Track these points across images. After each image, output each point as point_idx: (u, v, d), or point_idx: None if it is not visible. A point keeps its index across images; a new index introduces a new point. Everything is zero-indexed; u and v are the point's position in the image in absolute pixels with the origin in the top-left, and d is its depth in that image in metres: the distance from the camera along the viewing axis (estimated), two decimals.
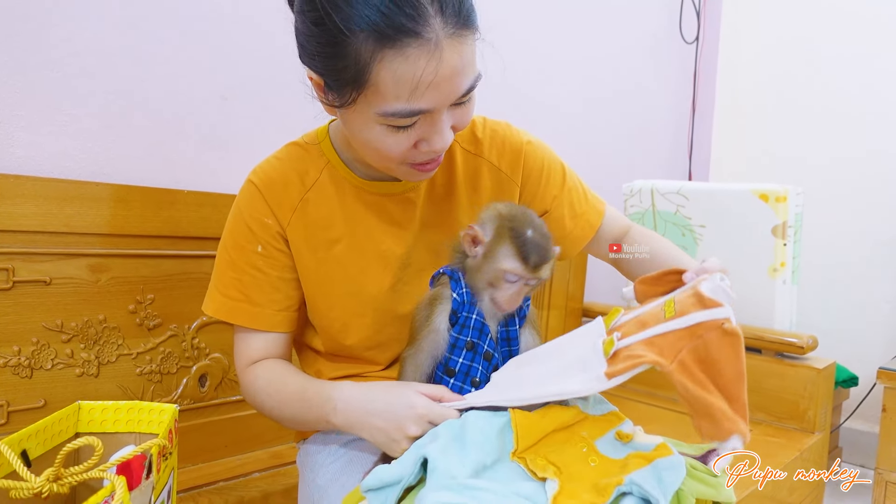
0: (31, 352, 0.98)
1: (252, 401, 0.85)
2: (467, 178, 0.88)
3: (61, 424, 0.71)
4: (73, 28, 1.05)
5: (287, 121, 1.29)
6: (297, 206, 0.82)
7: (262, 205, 0.82)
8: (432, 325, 0.75)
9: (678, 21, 2.45)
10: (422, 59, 0.62)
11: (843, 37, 2.29)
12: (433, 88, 0.64)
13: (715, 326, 0.59)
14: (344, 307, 0.84)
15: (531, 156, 0.90)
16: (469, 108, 0.73)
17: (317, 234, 0.83)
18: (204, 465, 1.17)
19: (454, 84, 0.66)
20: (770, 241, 1.60)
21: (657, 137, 2.46)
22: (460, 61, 0.65)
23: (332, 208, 0.83)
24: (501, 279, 0.72)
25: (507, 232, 0.72)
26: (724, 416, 0.57)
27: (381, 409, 0.71)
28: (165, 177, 1.17)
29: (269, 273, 0.83)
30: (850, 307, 2.23)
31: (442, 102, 0.67)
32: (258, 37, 1.26)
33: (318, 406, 0.76)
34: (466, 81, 0.67)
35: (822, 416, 1.52)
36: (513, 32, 1.84)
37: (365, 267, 0.84)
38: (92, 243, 1.02)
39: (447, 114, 0.69)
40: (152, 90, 1.15)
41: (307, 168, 0.83)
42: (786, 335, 1.56)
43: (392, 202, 0.84)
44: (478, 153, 0.88)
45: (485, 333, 0.75)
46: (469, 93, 0.69)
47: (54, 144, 1.05)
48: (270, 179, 0.82)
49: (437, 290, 0.77)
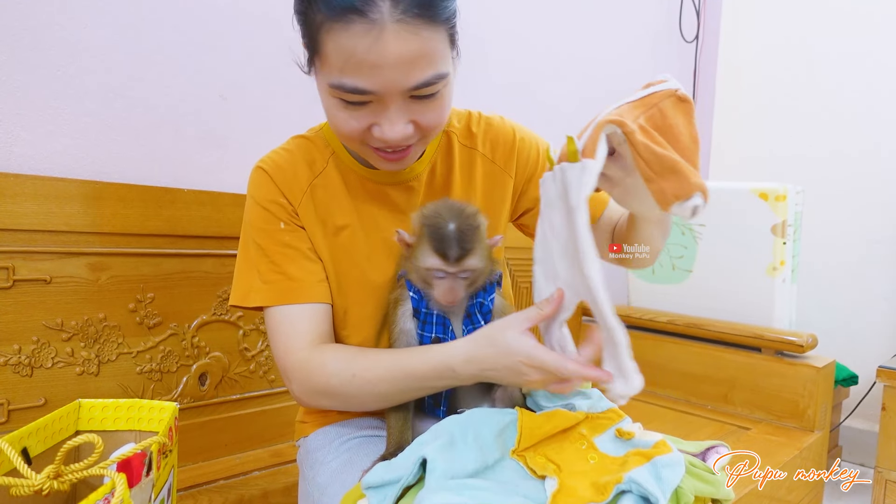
0: (32, 350, 0.98)
1: (321, 390, 0.77)
2: (463, 170, 0.89)
3: (62, 422, 0.71)
4: (74, 27, 1.05)
5: (286, 119, 1.29)
6: (307, 191, 0.83)
7: (273, 188, 0.83)
8: (399, 326, 0.77)
9: (678, 20, 2.45)
10: (363, 37, 0.64)
11: (843, 36, 2.29)
12: (373, 69, 0.66)
13: (668, 94, 0.60)
14: (347, 294, 0.85)
15: (524, 148, 0.92)
16: (434, 107, 0.72)
17: (325, 220, 0.84)
18: (204, 463, 1.17)
19: (399, 71, 0.66)
20: (769, 240, 1.61)
21: None
22: (406, 49, 0.65)
23: (339, 196, 0.85)
24: (431, 276, 0.73)
25: (425, 230, 0.73)
26: (689, 171, 0.57)
27: (497, 366, 0.70)
28: (165, 176, 1.17)
29: (298, 247, 0.82)
30: (850, 305, 2.23)
31: (385, 87, 0.67)
32: (257, 36, 1.26)
33: (436, 377, 0.73)
34: (416, 74, 0.67)
35: (821, 415, 1.52)
36: (510, 29, 1.84)
37: (370, 254, 0.85)
38: (92, 242, 1.03)
39: (402, 105, 0.70)
40: (152, 89, 1.15)
41: (314, 157, 0.85)
42: (785, 334, 1.56)
43: (395, 190, 0.86)
44: (472, 146, 0.90)
45: (447, 327, 0.77)
46: (425, 88, 0.69)
47: (54, 143, 1.05)
48: (279, 166, 0.84)
49: (398, 292, 0.79)
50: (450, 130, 0.90)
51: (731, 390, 1.64)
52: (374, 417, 0.90)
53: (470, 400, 0.81)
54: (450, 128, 0.90)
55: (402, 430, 0.77)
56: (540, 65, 1.95)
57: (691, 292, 1.77)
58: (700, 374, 1.69)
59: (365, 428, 0.88)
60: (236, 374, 1.21)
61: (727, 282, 1.70)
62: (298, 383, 0.79)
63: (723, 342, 1.67)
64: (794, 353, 1.56)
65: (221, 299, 1.18)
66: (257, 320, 1.24)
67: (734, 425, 1.53)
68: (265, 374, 1.26)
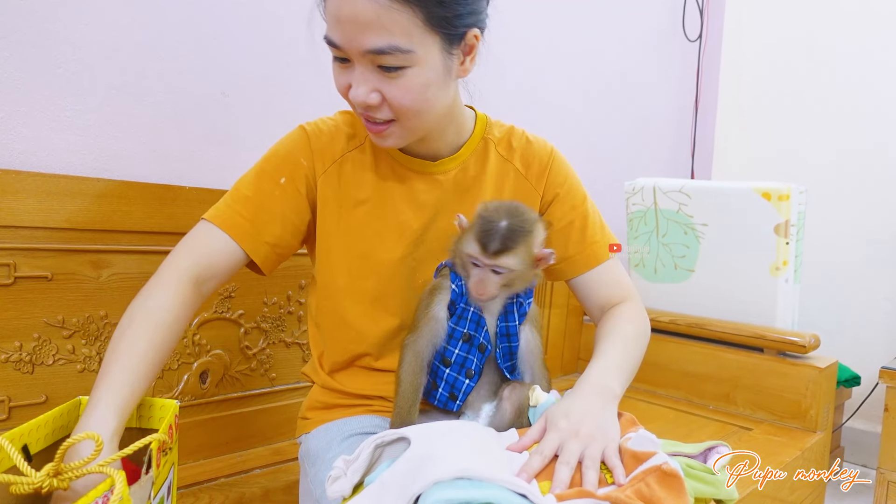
0: (33, 347, 0.98)
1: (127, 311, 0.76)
2: (495, 178, 0.92)
3: (62, 419, 0.71)
4: (75, 24, 1.05)
5: (288, 116, 1.29)
6: (337, 161, 0.88)
7: (305, 147, 0.87)
8: (431, 313, 0.78)
9: (681, 19, 2.45)
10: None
11: (846, 35, 2.28)
12: (336, 23, 0.72)
13: (654, 469, 0.63)
14: (350, 266, 0.87)
15: (556, 169, 0.95)
16: (400, 85, 0.74)
17: (347, 192, 0.87)
18: (205, 461, 1.17)
19: (354, 30, 0.71)
20: (772, 240, 1.60)
21: (660, 135, 2.46)
22: (362, 12, 0.69)
23: (367, 172, 0.88)
24: (468, 264, 0.75)
25: (478, 220, 0.75)
26: None
27: None
28: (167, 173, 1.17)
29: (282, 206, 0.85)
30: (853, 306, 2.22)
31: (344, 43, 0.73)
32: (259, 33, 1.26)
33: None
34: (372, 37, 0.71)
35: (823, 416, 1.52)
36: (514, 27, 1.84)
37: (382, 231, 0.88)
38: (93, 239, 1.02)
39: (367, 70, 0.74)
40: (154, 86, 1.15)
41: (355, 132, 0.90)
42: (788, 334, 1.56)
43: (421, 180, 0.89)
44: (509, 158, 0.93)
45: (481, 326, 0.77)
46: (383, 58, 0.72)
47: (56, 140, 1.05)
48: (320, 130, 0.88)
49: (438, 281, 0.80)
50: (489, 137, 0.93)
51: (732, 390, 1.63)
52: (376, 415, 0.90)
53: (478, 401, 0.81)
54: (489, 135, 0.93)
55: (411, 408, 0.78)
56: (542, 61, 1.94)
57: (693, 292, 1.77)
58: (702, 374, 1.69)
59: (366, 425, 0.88)
60: (237, 372, 1.21)
61: (729, 281, 1.70)
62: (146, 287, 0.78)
63: (725, 342, 1.67)
64: (796, 354, 1.56)
65: (222, 297, 1.18)
66: (258, 318, 1.24)
67: (736, 425, 1.53)
68: (266, 372, 1.26)
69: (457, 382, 0.78)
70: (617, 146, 2.25)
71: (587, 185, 1.01)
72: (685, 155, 2.58)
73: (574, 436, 0.67)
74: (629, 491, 0.61)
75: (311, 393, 0.98)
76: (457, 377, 0.78)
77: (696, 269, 1.76)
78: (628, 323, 0.91)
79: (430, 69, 0.75)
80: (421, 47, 0.72)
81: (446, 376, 0.77)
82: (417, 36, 0.72)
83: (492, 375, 0.81)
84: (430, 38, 0.73)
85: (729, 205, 1.65)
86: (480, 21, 0.79)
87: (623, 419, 0.75)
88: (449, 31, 0.74)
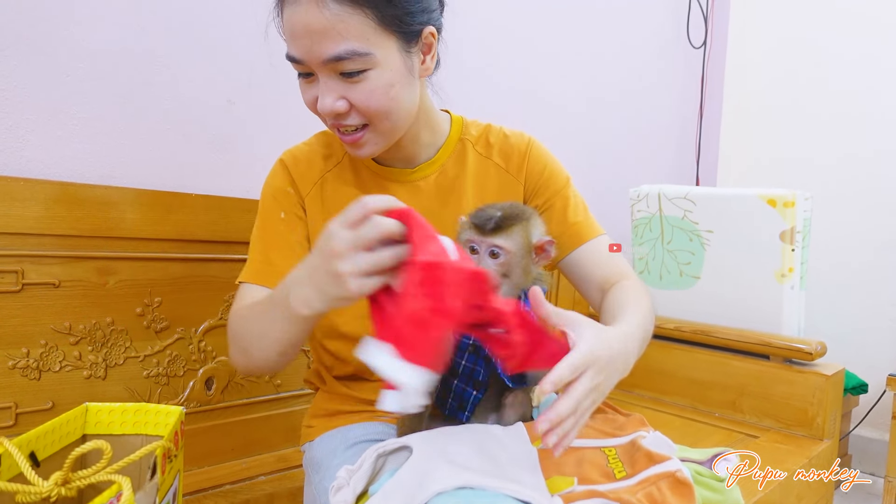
0: (40, 354, 0.98)
1: (232, 335, 0.81)
2: (476, 177, 0.93)
3: (69, 426, 0.72)
4: (83, 32, 1.06)
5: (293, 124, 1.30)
6: (318, 182, 0.90)
7: (286, 176, 0.90)
8: None
9: (685, 25, 2.45)
10: (291, 7, 0.73)
11: (851, 41, 2.28)
12: (293, 37, 0.74)
13: (668, 475, 0.63)
14: None
15: (534, 157, 0.95)
16: (363, 88, 0.75)
17: (331, 210, 0.88)
18: (210, 468, 1.17)
19: (307, 42, 0.73)
20: (778, 246, 1.59)
21: (664, 142, 2.46)
22: (315, 21, 0.71)
23: (348, 188, 0.90)
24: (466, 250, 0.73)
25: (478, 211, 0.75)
26: None
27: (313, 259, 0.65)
28: (173, 180, 1.17)
29: (289, 238, 0.88)
30: (860, 313, 2.21)
31: (304, 56, 0.74)
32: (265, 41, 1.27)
33: (278, 296, 0.71)
34: (329, 45, 0.72)
35: (830, 423, 1.51)
36: (519, 32, 1.85)
37: None
38: (100, 246, 1.03)
39: (330, 79, 0.75)
40: (161, 94, 1.15)
41: (332, 151, 0.92)
42: (794, 341, 1.55)
43: (402, 188, 0.90)
44: (488, 156, 0.94)
45: None
46: (343, 64, 0.73)
47: (64, 148, 1.06)
48: (296, 158, 0.91)
49: None
50: (465, 138, 0.94)
51: (738, 398, 1.62)
52: (381, 422, 0.90)
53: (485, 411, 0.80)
54: (466, 136, 0.94)
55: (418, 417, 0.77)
56: (546, 67, 1.95)
57: (699, 299, 1.76)
58: (707, 381, 1.68)
59: (371, 432, 0.88)
60: (243, 379, 1.22)
61: (735, 288, 1.69)
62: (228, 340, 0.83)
63: (730, 349, 1.66)
64: (802, 361, 1.55)
65: (228, 304, 1.18)
66: None
67: (742, 433, 1.52)
68: (271, 379, 1.26)
69: (465, 394, 0.76)
70: (621, 152, 2.25)
71: (591, 191, 1.02)
72: (690, 161, 2.58)
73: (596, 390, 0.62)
74: (640, 494, 0.61)
75: (315, 400, 0.98)
76: (465, 388, 0.77)
77: (701, 276, 1.75)
78: (641, 296, 0.84)
79: (392, 69, 0.76)
80: (379, 49, 0.74)
81: (455, 388, 0.77)
82: (373, 38, 0.74)
83: (497, 384, 0.80)
84: (387, 38, 0.75)
85: (734, 211, 1.65)
86: (434, 19, 0.80)
87: (632, 419, 0.75)
88: (404, 30, 0.76)
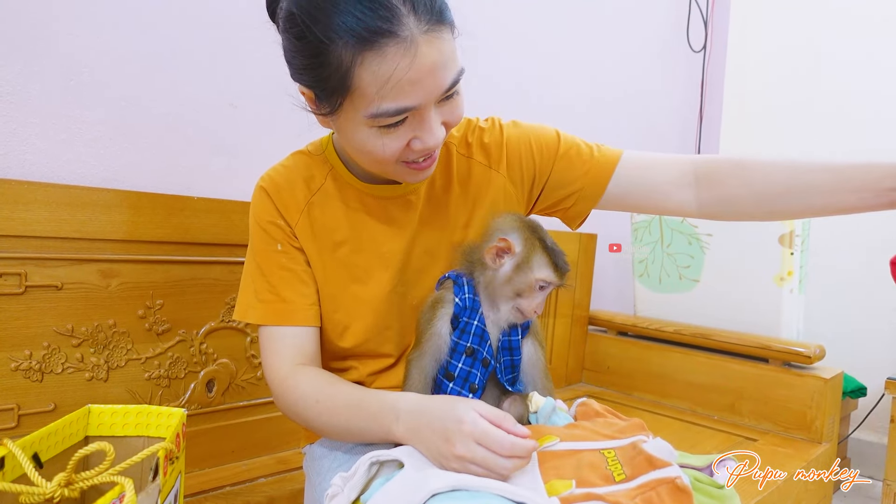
0: (43, 356, 0.99)
1: (291, 408, 0.81)
2: (460, 180, 0.90)
3: (72, 428, 0.72)
4: (86, 36, 1.07)
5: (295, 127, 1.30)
6: (304, 209, 0.85)
7: (271, 208, 0.85)
8: (434, 328, 0.78)
9: (685, 29, 2.46)
10: (399, 56, 0.65)
11: (851, 43, 2.28)
12: (414, 84, 0.67)
13: (667, 482, 0.63)
14: (347, 310, 0.86)
15: (513, 143, 0.91)
16: (457, 103, 0.74)
17: (322, 237, 0.85)
18: (211, 469, 1.17)
19: (436, 79, 0.68)
20: (777, 250, 1.60)
21: (664, 145, 2.47)
22: (439, 56, 0.67)
23: (337, 212, 0.86)
24: (534, 288, 0.74)
25: (538, 242, 0.75)
26: None
27: (434, 420, 0.66)
28: (176, 183, 1.18)
29: (293, 269, 0.84)
30: (858, 316, 2.22)
31: (426, 98, 0.69)
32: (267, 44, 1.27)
33: (381, 415, 0.72)
34: (448, 76, 0.69)
35: (829, 427, 1.51)
36: (521, 35, 1.85)
37: (368, 268, 0.86)
38: (103, 249, 1.04)
39: (435, 111, 0.71)
40: (163, 98, 1.16)
41: (313, 174, 0.87)
42: (793, 344, 1.56)
43: (394, 205, 0.86)
44: (469, 155, 0.91)
45: (485, 340, 0.77)
46: (453, 87, 0.71)
47: (67, 151, 1.06)
48: (277, 185, 0.85)
49: (440, 294, 0.79)
50: (449, 142, 0.90)
51: (738, 401, 1.63)
52: None
53: None
54: (449, 139, 0.90)
55: None
56: (548, 68, 1.96)
57: (698, 302, 1.77)
58: (707, 385, 1.69)
59: None
60: (243, 381, 1.22)
61: (734, 291, 1.70)
62: (277, 399, 0.84)
63: (730, 352, 1.67)
64: (801, 364, 1.56)
65: (229, 306, 1.19)
66: None
67: (741, 436, 1.52)
68: None
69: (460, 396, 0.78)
70: None
71: None
72: None
73: None
74: (638, 499, 0.61)
75: None
76: (460, 391, 0.77)
77: (700, 279, 1.76)
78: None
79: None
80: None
81: (450, 390, 0.77)
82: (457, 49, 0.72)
83: (494, 388, 0.81)
84: None
85: None
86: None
87: (632, 423, 0.76)
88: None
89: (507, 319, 0.78)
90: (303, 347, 0.84)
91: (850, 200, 0.81)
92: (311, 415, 0.79)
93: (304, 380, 0.80)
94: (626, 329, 1.88)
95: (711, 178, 0.88)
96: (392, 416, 0.71)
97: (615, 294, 2.23)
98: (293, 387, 0.80)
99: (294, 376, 0.81)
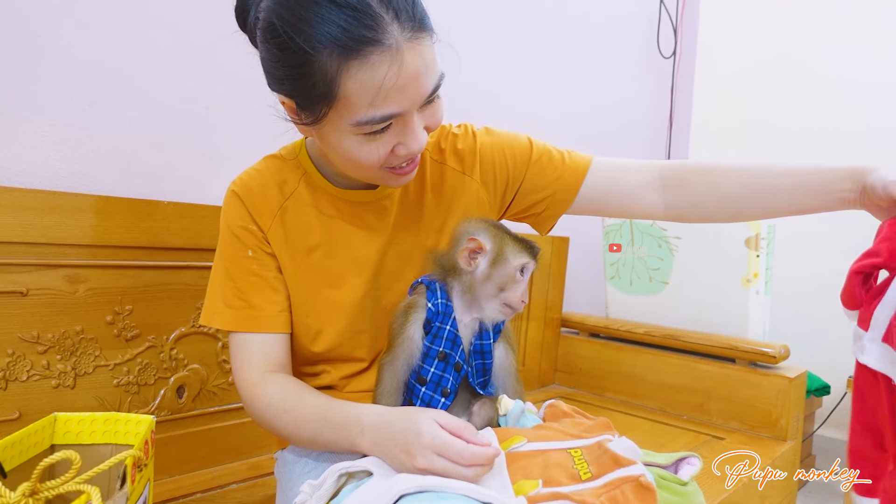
0: (7, 363, 0.97)
1: (260, 416, 0.81)
2: (434, 185, 0.91)
3: (37, 436, 0.71)
4: (52, 38, 1.05)
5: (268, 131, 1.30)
6: (277, 214, 0.85)
7: (243, 212, 0.84)
8: (406, 333, 0.78)
9: (655, 35, 2.50)
10: (385, 64, 0.65)
11: (819, 52, 2.35)
12: (399, 91, 0.67)
13: (631, 480, 0.64)
14: (321, 314, 0.86)
15: (486, 151, 0.92)
16: (438, 108, 0.75)
17: (295, 242, 0.85)
18: (181, 476, 1.16)
19: (419, 85, 0.69)
20: (743, 253, 1.64)
21: (634, 150, 2.51)
22: (422, 63, 0.68)
23: (310, 217, 0.85)
24: (514, 278, 0.76)
25: (506, 235, 0.78)
26: None
27: (396, 434, 0.67)
28: (145, 187, 1.17)
29: (264, 275, 0.84)
30: (822, 317, 2.28)
31: (410, 104, 0.70)
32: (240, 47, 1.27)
33: (345, 427, 0.73)
34: (430, 81, 0.70)
35: (794, 425, 1.55)
36: (491, 40, 1.87)
37: (341, 273, 0.86)
38: (70, 254, 1.02)
39: (418, 116, 0.72)
40: (132, 100, 1.15)
41: (286, 178, 0.86)
42: (759, 345, 1.60)
43: (368, 210, 0.87)
44: (442, 161, 0.92)
45: (457, 345, 0.78)
46: (435, 92, 0.72)
47: (33, 155, 1.05)
48: (249, 189, 0.85)
49: (413, 299, 0.80)
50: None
51: (706, 401, 1.66)
52: None
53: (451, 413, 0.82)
54: None
55: None
56: (517, 74, 1.98)
57: (668, 304, 1.80)
58: (676, 385, 1.72)
59: None
60: (214, 387, 1.21)
61: (703, 293, 1.73)
62: (246, 406, 0.83)
63: (698, 353, 1.70)
64: (766, 364, 1.60)
65: (200, 312, 1.17)
66: None
67: (709, 435, 1.55)
68: None
69: (432, 401, 0.78)
70: None
71: None
72: None
73: None
74: (603, 497, 0.63)
75: None
76: (432, 396, 0.78)
77: (669, 282, 1.80)
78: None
79: None
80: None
81: (422, 395, 0.78)
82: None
83: (464, 392, 0.82)
84: None
85: None
86: None
87: (598, 422, 0.77)
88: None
89: (495, 319, 0.79)
90: (272, 354, 0.83)
91: (809, 202, 0.87)
92: (279, 424, 0.79)
93: (272, 389, 0.80)
94: (598, 331, 1.91)
95: (678, 182, 0.91)
96: (357, 430, 0.72)
97: (587, 296, 2.25)
98: (261, 394, 0.80)
99: (263, 384, 0.81)
